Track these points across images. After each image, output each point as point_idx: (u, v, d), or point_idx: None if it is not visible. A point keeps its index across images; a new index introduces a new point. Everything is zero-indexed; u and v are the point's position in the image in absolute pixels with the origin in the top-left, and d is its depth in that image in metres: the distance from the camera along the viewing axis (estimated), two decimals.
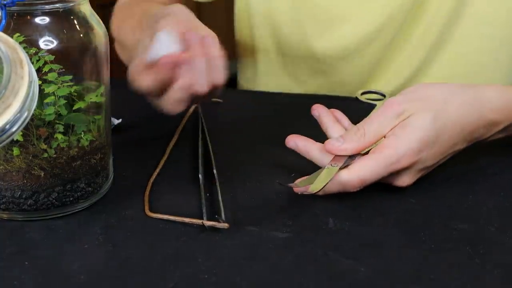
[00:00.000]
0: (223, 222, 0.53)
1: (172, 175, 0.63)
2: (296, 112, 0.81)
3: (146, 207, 0.56)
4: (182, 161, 0.66)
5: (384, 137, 0.58)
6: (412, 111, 0.57)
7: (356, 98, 0.86)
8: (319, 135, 0.73)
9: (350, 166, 0.56)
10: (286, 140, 0.61)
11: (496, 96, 0.61)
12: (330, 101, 0.85)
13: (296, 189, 0.57)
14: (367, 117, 0.59)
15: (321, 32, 0.89)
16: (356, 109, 0.82)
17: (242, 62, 1.03)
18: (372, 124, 0.58)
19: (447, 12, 0.84)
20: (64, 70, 0.52)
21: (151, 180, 0.61)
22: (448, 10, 0.84)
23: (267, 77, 0.99)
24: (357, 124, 0.59)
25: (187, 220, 0.54)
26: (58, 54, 0.52)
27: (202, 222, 0.53)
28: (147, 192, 0.59)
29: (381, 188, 0.60)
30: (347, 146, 0.57)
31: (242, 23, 0.97)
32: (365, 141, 0.57)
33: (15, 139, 0.49)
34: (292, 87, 0.96)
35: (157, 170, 0.63)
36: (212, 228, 0.53)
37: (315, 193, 0.55)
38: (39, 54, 0.51)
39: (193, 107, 0.77)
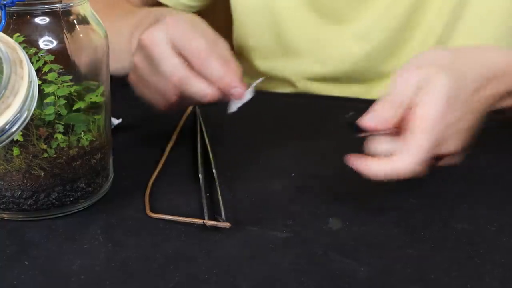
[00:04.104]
0: (224, 221, 0.53)
1: (172, 175, 0.63)
2: (296, 112, 0.81)
3: (147, 208, 0.56)
4: (182, 161, 0.66)
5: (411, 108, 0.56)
6: (428, 76, 0.56)
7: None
8: (318, 135, 0.73)
9: (399, 154, 0.54)
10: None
11: (498, 53, 0.62)
12: (329, 102, 0.86)
13: (351, 160, 0.55)
14: (388, 92, 0.57)
15: (325, 29, 0.89)
16: (357, 109, 0.82)
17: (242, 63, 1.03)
18: (396, 95, 0.56)
19: (447, 14, 0.85)
20: (64, 70, 0.53)
21: (151, 180, 0.61)
22: (448, 12, 0.85)
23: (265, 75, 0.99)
24: (382, 99, 0.57)
25: (188, 220, 0.54)
26: (58, 54, 0.52)
27: (204, 222, 0.53)
28: (147, 193, 0.59)
29: (381, 188, 0.60)
30: (385, 115, 0.55)
31: (239, 22, 0.97)
32: (396, 108, 0.55)
33: (15, 139, 0.49)
34: (290, 85, 0.96)
35: (157, 170, 0.63)
36: (213, 228, 0.53)
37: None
38: (39, 54, 0.51)
39: (191, 107, 0.77)
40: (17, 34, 0.51)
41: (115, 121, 0.72)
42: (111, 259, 0.50)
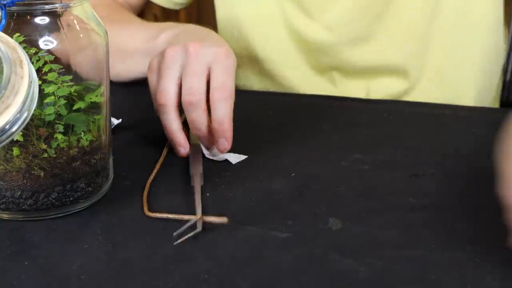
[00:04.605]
0: (221, 217, 0.53)
1: (171, 175, 0.63)
2: (294, 111, 0.81)
3: (145, 207, 0.56)
4: (180, 162, 0.66)
5: None
6: None
7: None
8: (318, 135, 0.73)
9: None
10: None
11: None
12: (329, 101, 0.86)
13: None
14: None
15: (303, 21, 0.92)
16: (354, 109, 0.82)
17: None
18: None
19: (424, 7, 0.89)
20: (64, 70, 0.53)
21: (149, 181, 0.61)
22: (424, 5, 0.88)
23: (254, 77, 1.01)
24: None
25: (186, 217, 0.54)
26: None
27: (202, 218, 0.53)
28: (145, 193, 0.59)
29: (381, 188, 0.60)
30: None
31: (225, 31, 0.99)
32: None
33: (15, 139, 0.49)
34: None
35: (155, 171, 0.63)
36: (212, 227, 0.53)
37: None
38: (39, 54, 0.51)
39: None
40: (17, 34, 0.51)
41: (115, 121, 0.72)
42: (111, 259, 0.50)
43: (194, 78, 0.63)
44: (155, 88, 0.66)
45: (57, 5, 0.52)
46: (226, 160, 0.66)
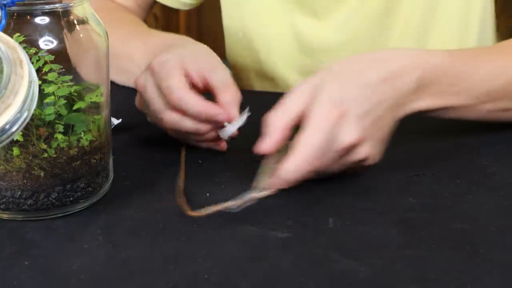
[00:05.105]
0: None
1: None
2: None
3: (187, 208, 0.55)
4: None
5: None
6: None
7: None
8: None
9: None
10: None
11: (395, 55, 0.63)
12: None
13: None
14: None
15: (308, 25, 0.92)
16: None
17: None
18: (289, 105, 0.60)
19: (419, 15, 0.89)
20: (64, 70, 0.53)
21: (181, 184, 0.60)
22: (420, 12, 0.89)
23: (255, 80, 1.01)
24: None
25: (230, 204, 0.54)
26: (58, 54, 0.52)
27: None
28: (180, 196, 0.57)
29: (381, 188, 0.60)
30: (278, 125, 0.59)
31: (230, 32, 0.99)
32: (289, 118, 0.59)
33: (15, 139, 0.49)
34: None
35: (182, 172, 0.62)
36: (212, 227, 0.53)
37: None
38: (39, 54, 0.51)
39: None
40: (17, 34, 0.51)
41: (115, 121, 0.72)
42: (111, 259, 0.50)
43: (168, 80, 0.62)
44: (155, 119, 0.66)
45: (57, 5, 0.52)
46: (226, 160, 0.65)
